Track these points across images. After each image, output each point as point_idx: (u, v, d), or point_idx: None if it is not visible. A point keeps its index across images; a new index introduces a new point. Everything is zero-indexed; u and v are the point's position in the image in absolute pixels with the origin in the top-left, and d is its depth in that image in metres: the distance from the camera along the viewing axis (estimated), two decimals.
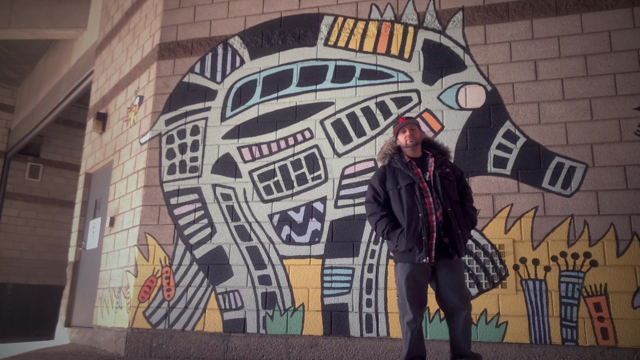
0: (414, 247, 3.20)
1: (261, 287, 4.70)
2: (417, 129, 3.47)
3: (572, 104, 4.34)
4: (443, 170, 3.36)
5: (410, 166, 3.39)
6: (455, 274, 3.25)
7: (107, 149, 6.58)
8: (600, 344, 3.88)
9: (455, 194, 3.35)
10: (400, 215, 3.32)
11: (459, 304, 3.21)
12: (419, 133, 3.47)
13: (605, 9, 4.44)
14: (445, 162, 3.45)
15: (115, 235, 5.79)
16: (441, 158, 3.44)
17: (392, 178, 3.40)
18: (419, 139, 3.45)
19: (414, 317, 3.21)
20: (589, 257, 4.03)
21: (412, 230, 3.21)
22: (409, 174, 3.33)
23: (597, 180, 4.15)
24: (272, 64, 5.22)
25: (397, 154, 3.48)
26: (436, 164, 3.38)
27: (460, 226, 3.26)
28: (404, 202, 3.29)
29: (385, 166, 3.49)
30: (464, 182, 3.49)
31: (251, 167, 5.01)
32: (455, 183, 3.39)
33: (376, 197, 3.45)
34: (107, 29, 7.51)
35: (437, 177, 3.31)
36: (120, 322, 5.18)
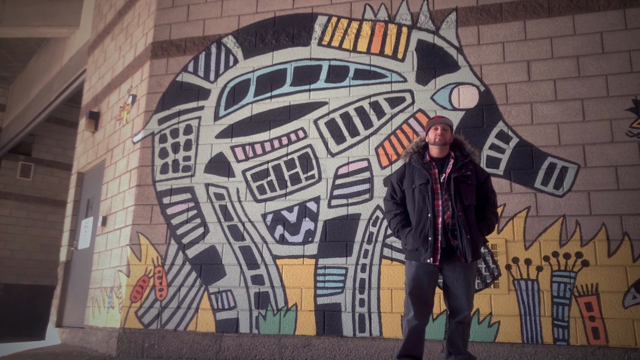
0: (419, 247, 3.22)
1: (254, 287, 4.69)
2: (450, 129, 3.41)
3: (564, 105, 4.36)
4: (461, 173, 3.28)
5: (429, 166, 3.37)
6: (462, 276, 3.21)
7: (99, 148, 6.55)
8: (591, 343, 3.90)
9: (471, 198, 3.27)
10: (412, 214, 3.35)
11: (464, 305, 3.22)
12: (450, 134, 3.40)
13: (598, 10, 4.47)
14: (467, 164, 3.34)
15: (107, 234, 5.76)
16: (462, 160, 3.34)
17: (410, 177, 3.40)
18: (449, 140, 3.39)
19: (415, 315, 3.22)
20: (580, 257, 4.05)
21: (420, 230, 3.23)
22: (425, 173, 3.32)
23: (588, 180, 4.17)
24: (265, 64, 5.21)
25: (420, 152, 3.47)
26: (455, 166, 3.32)
27: (472, 231, 3.20)
28: (415, 202, 3.31)
29: (406, 164, 3.49)
30: (487, 186, 3.37)
31: (244, 167, 5.00)
32: (474, 187, 3.30)
33: (393, 194, 3.48)
34: (99, 27, 7.47)
35: (451, 180, 3.27)
36: (112, 322, 5.15)
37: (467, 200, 3.24)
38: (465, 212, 3.21)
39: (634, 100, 4.22)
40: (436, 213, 3.24)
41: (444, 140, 3.36)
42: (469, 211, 3.23)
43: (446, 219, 3.23)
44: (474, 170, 3.34)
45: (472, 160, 3.39)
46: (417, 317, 3.22)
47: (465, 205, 3.23)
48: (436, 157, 3.39)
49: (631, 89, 4.24)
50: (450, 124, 3.42)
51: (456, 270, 3.22)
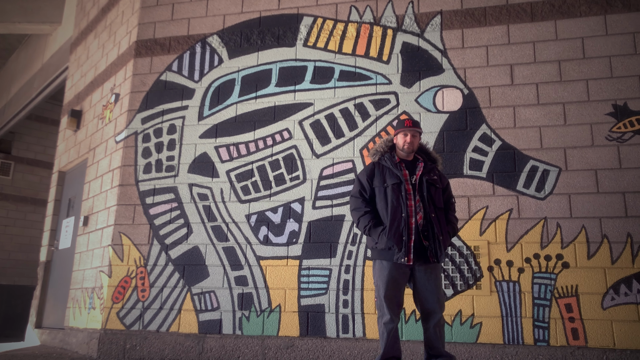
0: (393, 246, 3.23)
1: (237, 287, 4.67)
2: (419, 136, 3.49)
3: (546, 109, 4.42)
4: (430, 176, 3.39)
5: (400, 167, 3.41)
6: (432, 277, 3.29)
7: (81, 146, 6.47)
8: (570, 344, 3.96)
9: (441, 201, 3.40)
10: (383, 213, 3.35)
11: (435, 306, 3.26)
12: (418, 141, 3.50)
13: (579, 16, 4.54)
14: (433, 169, 3.46)
15: (89, 234, 5.69)
16: (430, 165, 3.47)
17: (380, 175, 3.43)
18: (416, 147, 3.48)
19: (391, 317, 3.24)
20: (561, 259, 4.11)
21: (394, 229, 3.24)
22: (397, 173, 3.37)
23: (569, 183, 4.23)
24: (250, 64, 5.20)
25: (389, 152, 3.50)
26: (425, 169, 3.42)
27: (443, 233, 3.30)
28: (388, 201, 3.32)
29: (375, 163, 3.52)
30: (449, 191, 3.53)
31: (229, 167, 4.97)
32: (441, 191, 3.44)
33: (362, 192, 3.47)
34: (82, 24, 7.37)
35: (423, 182, 3.34)
36: (92, 323, 5.09)
37: (438, 203, 3.36)
38: (437, 214, 3.32)
39: (614, 105, 4.29)
40: (409, 213, 3.28)
41: (412, 148, 3.46)
42: (440, 213, 3.35)
43: (419, 220, 3.27)
44: (439, 176, 3.48)
45: (437, 165, 3.54)
46: (393, 319, 3.24)
47: (437, 207, 3.35)
48: (404, 159, 3.48)
49: (611, 93, 4.32)
50: (420, 130, 3.50)
51: (427, 272, 3.28)
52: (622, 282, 3.97)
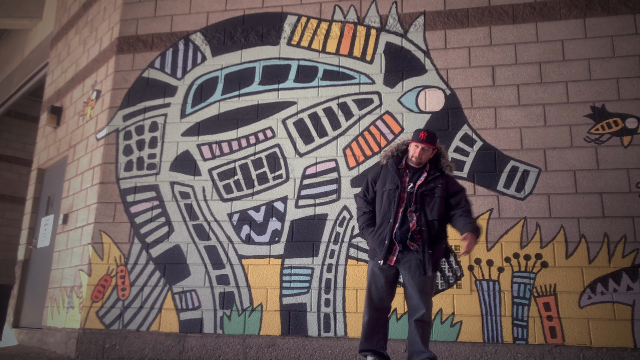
0: (376, 247, 3.36)
1: (219, 286, 4.65)
2: (430, 150, 3.43)
3: (526, 110, 4.48)
4: (429, 187, 3.36)
5: (403, 172, 3.45)
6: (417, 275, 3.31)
7: (61, 144, 6.38)
8: (548, 342, 4.01)
9: (435, 212, 3.33)
10: (377, 215, 3.47)
11: (419, 303, 3.30)
12: (429, 155, 3.44)
13: (559, 19, 4.60)
14: (437, 178, 3.40)
15: (68, 233, 5.61)
16: (434, 174, 3.41)
17: (383, 179, 3.50)
18: (424, 161, 3.44)
19: (369, 312, 3.39)
20: (540, 258, 4.17)
21: (379, 232, 3.38)
22: (397, 179, 3.41)
23: (549, 184, 4.29)
24: (234, 62, 5.17)
25: (399, 156, 3.54)
26: (427, 179, 3.39)
27: (433, 246, 3.32)
28: (382, 205, 3.43)
29: (382, 165, 3.58)
30: (459, 197, 3.40)
31: (211, 165, 4.95)
32: (441, 200, 3.36)
33: (365, 193, 3.59)
34: (63, 20, 7.27)
35: (417, 193, 3.35)
36: (71, 322, 5.02)
37: (431, 215, 3.33)
38: (429, 227, 3.31)
39: (592, 107, 4.36)
40: (396, 219, 3.33)
41: (420, 161, 3.43)
42: (431, 226, 3.33)
43: (411, 227, 3.31)
44: (444, 184, 3.39)
45: (444, 174, 3.45)
46: (370, 313, 3.38)
47: (429, 220, 3.33)
48: (413, 166, 3.47)
49: (589, 96, 4.39)
50: (434, 146, 3.44)
51: (411, 270, 3.31)
52: (599, 281, 4.04)
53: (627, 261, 4.04)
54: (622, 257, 4.05)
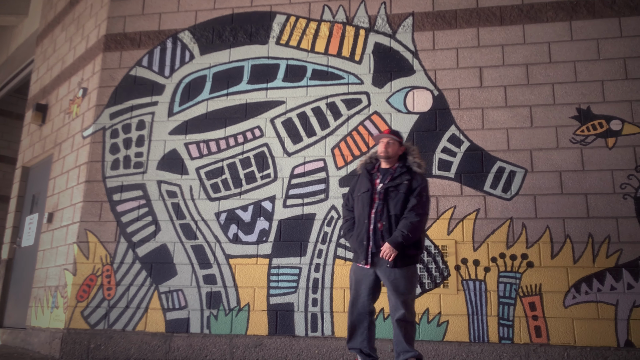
0: (357, 250, 3.48)
1: (206, 286, 4.63)
2: (397, 143, 3.53)
3: (513, 111, 4.51)
4: (394, 183, 3.44)
5: (375, 176, 3.57)
6: (392, 277, 3.34)
7: (46, 141, 6.31)
8: (533, 341, 4.05)
9: (398, 208, 3.39)
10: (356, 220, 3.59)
11: (396, 303, 3.33)
12: (396, 148, 3.53)
13: (546, 21, 4.64)
14: (403, 174, 3.47)
15: (53, 231, 5.55)
16: (401, 171, 3.49)
17: (359, 186, 3.63)
18: (393, 153, 3.52)
19: (350, 314, 3.45)
20: (526, 258, 4.20)
21: (356, 235, 3.49)
22: (367, 183, 3.54)
23: (535, 184, 4.33)
24: (222, 60, 5.15)
25: (371, 163, 3.67)
26: (393, 176, 3.48)
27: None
28: (357, 209, 3.55)
29: (358, 174, 3.72)
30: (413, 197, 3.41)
31: (198, 164, 4.92)
32: (405, 196, 3.41)
33: (347, 202, 3.72)
34: (49, 16, 7.19)
35: (382, 190, 3.46)
36: (55, 322, 4.97)
37: (393, 210, 3.40)
38: (390, 222, 3.39)
39: (578, 109, 4.41)
40: (369, 220, 3.44)
41: (387, 154, 3.53)
42: (393, 221, 3.39)
43: (380, 227, 3.41)
44: (410, 180, 3.46)
45: (411, 170, 3.51)
46: (352, 313, 3.45)
47: (391, 215, 3.40)
48: (384, 167, 3.58)
49: (575, 97, 4.43)
50: (397, 137, 3.55)
51: (383, 270, 3.38)
52: (583, 281, 4.08)
53: (611, 261, 4.09)
54: (606, 257, 4.10)
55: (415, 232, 3.33)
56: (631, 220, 4.13)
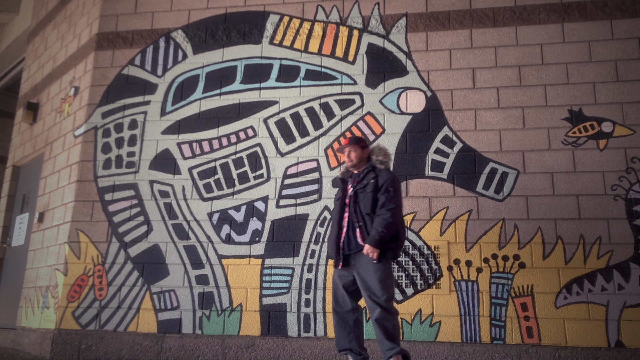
0: (333, 254, 3.56)
1: (198, 286, 4.61)
2: (357, 149, 3.63)
3: (506, 112, 4.53)
4: (362, 184, 3.53)
5: (347, 181, 3.68)
6: (366, 277, 3.38)
7: (37, 140, 6.26)
8: (525, 342, 4.07)
9: (367, 207, 3.45)
10: None
11: (371, 303, 3.35)
12: (356, 153, 3.63)
13: (538, 23, 4.67)
14: (369, 174, 3.56)
15: (44, 231, 5.51)
16: (366, 171, 3.58)
17: (336, 195, 3.74)
18: (355, 159, 3.63)
19: (334, 315, 3.54)
20: (517, 259, 4.22)
21: (332, 240, 3.57)
22: (341, 189, 3.68)
23: (527, 186, 4.35)
24: (215, 60, 5.14)
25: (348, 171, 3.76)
26: (361, 178, 3.58)
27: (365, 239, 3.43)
28: (334, 214, 3.66)
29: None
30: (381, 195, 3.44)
31: (191, 164, 4.90)
32: (373, 195, 3.46)
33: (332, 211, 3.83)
34: (40, 14, 7.14)
35: (352, 193, 3.55)
36: (46, 323, 4.93)
37: (364, 209, 3.47)
38: (364, 221, 3.45)
39: (570, 111, 4.43)
40: (341, 225, 3.54)
41: (351, 161, 3.65)
42: (367, 220, 3.45)
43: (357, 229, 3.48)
44: (375, 178, 3.52)
45: (376, 168, 3.58)
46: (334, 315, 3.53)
47: (363, 214, 3.46)
48: (355, 173, 3.68)
49: (567, 99, 4.46)
50: (356, 143, 3.64)
51: (361, 272, 3.42)
52: (575, 281, 4.11)
53: (602, 262, 4.11)
54: (597, 258, 4.12)
55: (390, 227, 3.37)
56: (622, 222, 4.16)
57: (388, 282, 3.40)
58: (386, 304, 3.34)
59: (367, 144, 3.70)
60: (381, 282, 3.35)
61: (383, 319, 3.32)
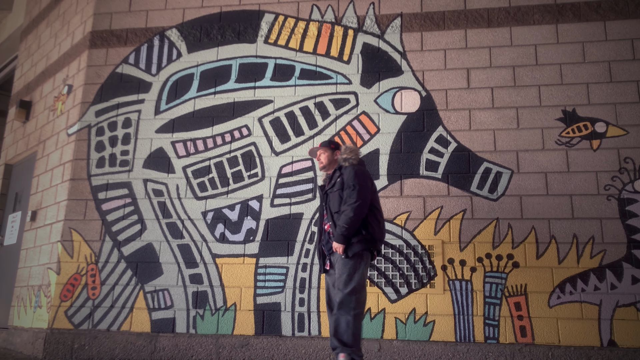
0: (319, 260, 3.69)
1: (192, 286, 4.59)
2: (326, 150, 3.73)
3: (500, 112, 4.55)
4: (330, 184, 3.61)
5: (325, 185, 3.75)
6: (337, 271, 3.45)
7: (30, 139, 6.22)
8: (519, 341, 4.08)
9: (336, 205, 3.51)
10: None
11: (334, 300, 3.45)
12: (325, 155, 3.74)
13: (533, 24, 4.69)
14: (336, 173, 3.61)
15: (36, 230, 5.47)
16: (335, 171, 3.64)
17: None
18: (325, 160, 3.73)
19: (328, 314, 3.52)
20: (511, 258, 4.24)
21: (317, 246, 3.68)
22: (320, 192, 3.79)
23: (521, 185, 4.37)
24: (210, 59, 5.12)
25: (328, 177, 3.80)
26: (331, 178, 3.65)
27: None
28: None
29: None
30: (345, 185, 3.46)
31: (185, 163, 4.89)
32: (339, 193, 3.51)
33: None
34: (34, 12, 7.09)
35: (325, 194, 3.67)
36: (39, 322, 4.90)
37: (333, 208, 3.55)
38: (333, 220, 3.52)
39: (563, 111, 4.46)
40: (321, 228, 3.68)
41: (323, 164, 3.75)
42: (336, 218, 3.51)
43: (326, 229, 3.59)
44: (341, 175, 3.55)
45: (342, 167, 3.61)
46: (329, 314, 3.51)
47: (333, 213, 3.53)
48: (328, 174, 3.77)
49: (561, 99, 4.48)
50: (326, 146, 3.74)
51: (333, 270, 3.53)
52: (568, 281, 4.12)
53: (595, 262, 4.14)
54: (590, 257, 4.15)
55: (352, 222, 3.36)
56: (615, 222, 4.19)
57: (354, 277, 3.34)
58: (345, 297, 3.30)
59: (338, 146, 3.76)
60: (346, 276, 3.34)
61: (338, 313, 3.33)
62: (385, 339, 4.21)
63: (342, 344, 3.29)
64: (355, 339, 3.29)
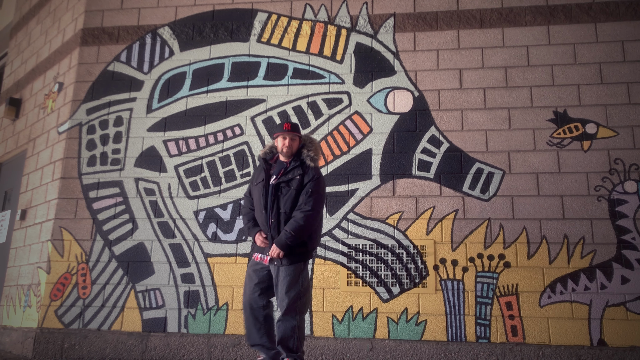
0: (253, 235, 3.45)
1: (184, 285, 4.58)
2: (298, 139, 3.48)
3: (492, 113, 4.57)
4: (286, 178, 3.36)
5: (270, 167, 3.49)
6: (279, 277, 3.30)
7: (20, 137, 6.16)
8: (510, 340, 4.10)
9: (288, 205, 3.31)
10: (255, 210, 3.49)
11: (280, 304, 3.28)
12: (297, 144, 3.47)
13: (524, 25, 4.71)
14: (296, 169, 3.38)
15: (26, 229, 5.43)
16: (294, 165, 3.40)
17: (256, 173, 3.57)
18: (295, 150, 3.46)
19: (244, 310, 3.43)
20: (503, 258, 4.26)
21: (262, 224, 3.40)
22: (263, 173, 3.45)
23: (512, 186, 4.39)
24: (202, 57, 5.10)
25: (271, 153, 3.56)
26: (286, 170, 3.40)
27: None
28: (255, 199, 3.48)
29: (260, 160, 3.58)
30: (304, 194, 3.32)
31: (177, 162, 4.86)
32: (296, 192, 3.32)
33: (248, 192, 3.61)
34: (24, 9, 7.02)
35: (274, 185, 3.37)
36: (28, 321, 4.86)
37: (283, 207, 3.32)
38: (278, 219, 3.31)
39: (555, 112, 4.48)
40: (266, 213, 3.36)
41: (291, 151, 3.45)
42: (282, 218, 3.31)
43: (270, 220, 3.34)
44: (302, 175, 3.37)
45: (305, 164, 3.42)
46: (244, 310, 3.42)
47: (281, 211, 3.32)
48: (281, 160, 3.49)
49: (552, 101, 4.51)
50: (298, 134, 3.48)
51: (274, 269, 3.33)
52: (558, 281, 4.15)
53: (585, 262, 4.17)
54: (581, 257, 4.18)
55: (302, 232, 3.24)
56: (605, 222, 4.22)
57: (300, 280, 3.28)
58: (295, 307, 3.24)
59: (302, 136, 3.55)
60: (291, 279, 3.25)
61: (283, 318, 3.25)
62: (377, 339, 4.22)
63: (288, 350, 3.24)
64: (300, 342, 3.26)
